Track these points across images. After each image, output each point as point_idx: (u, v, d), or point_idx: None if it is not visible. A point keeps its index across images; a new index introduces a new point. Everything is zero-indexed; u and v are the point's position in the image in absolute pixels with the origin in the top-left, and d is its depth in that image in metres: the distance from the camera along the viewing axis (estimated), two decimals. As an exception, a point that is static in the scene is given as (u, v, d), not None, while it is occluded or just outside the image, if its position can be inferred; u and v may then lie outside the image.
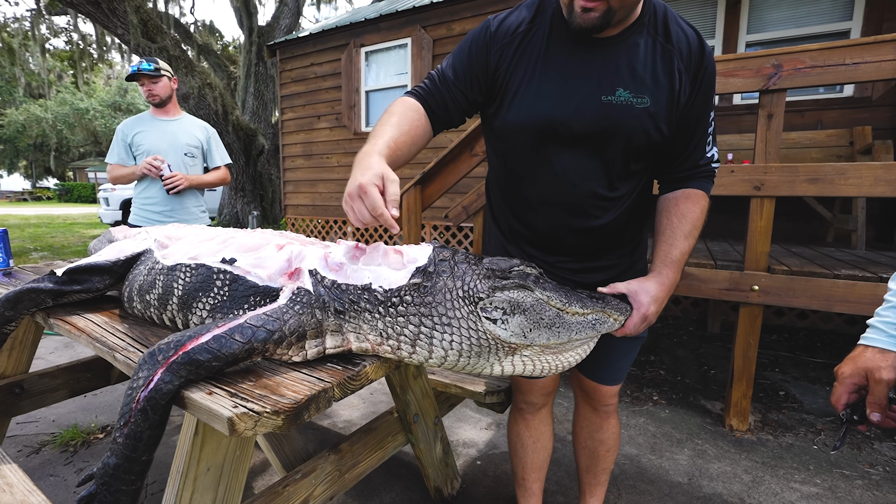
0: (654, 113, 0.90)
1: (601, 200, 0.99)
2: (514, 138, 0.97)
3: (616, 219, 1.02)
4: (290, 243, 0.89)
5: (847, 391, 0.75)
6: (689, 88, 0.92)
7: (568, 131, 0.92)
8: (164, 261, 0.96)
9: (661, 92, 0.90)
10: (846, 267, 2.10)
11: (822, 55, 1.83)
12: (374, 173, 0.76)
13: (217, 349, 0.68)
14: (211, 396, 0.65)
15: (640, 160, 0.98)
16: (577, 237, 1.04)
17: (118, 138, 2.38)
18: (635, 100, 0.89)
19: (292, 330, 0.75)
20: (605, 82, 0.89)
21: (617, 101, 0.89)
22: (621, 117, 0.89)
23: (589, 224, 1.01)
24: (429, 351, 0.78)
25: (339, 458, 1.16)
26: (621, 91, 0.89)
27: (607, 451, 1.33)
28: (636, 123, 0.90)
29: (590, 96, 0.90)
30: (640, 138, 0.92)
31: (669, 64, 0.90)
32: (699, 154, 1.00)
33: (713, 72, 0.94)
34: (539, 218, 1.04)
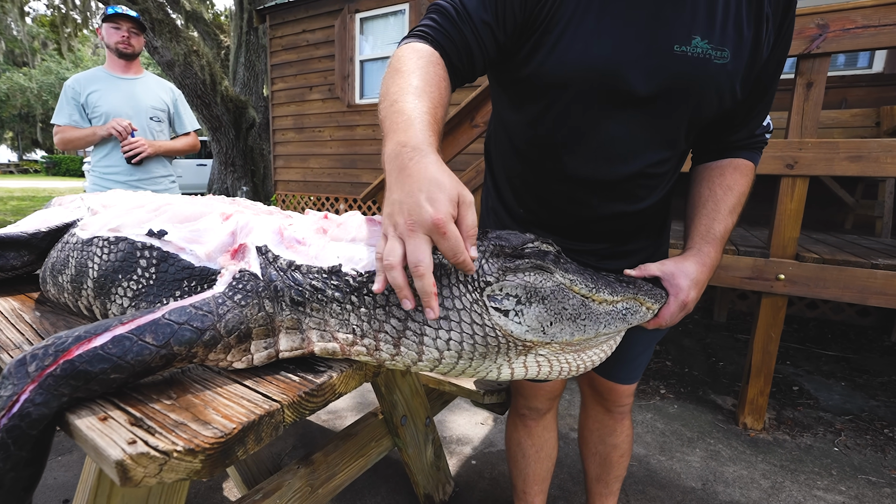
0: (733, 71, 0.70)
1: (649, 179, 0.80)
2: (550, 95, 0.74)
3: (659, 200, 0.84)
4: (240, 212, 0.68)
5: None
6: (774, 37, 0.72)
7: (627, 89, 0.69)
8: (81, 233, 0.75)
9: (744, 45, 0.70)
10: (882, 256, 1.91)
11: (878, 13, 1.60)
12: (447, 198, 0.50)
13: (117, 356, 0.47)
14: (103, 423, 0.45)
15: (696, 132, 0.80)
16: (611, 222, 0.84)
17: (68, 96, 2.07)
18: (714, 53, 0.68)
19: (230, 328, 0.54)
20: (680, 26, 0.67)
21: (693, 54, 0.68)
22: (696, 74, 0.69)
23: (630, 208, 0.82)
24: (418, 352, 0.59)
25: (311, 472, 0.97)
26: (698, 40, 0.68)
27: (621, 457, 1.17)
28: (711, 84, 0.70)
29: (660, 44, 0.67)
30: (711, 104, 0.73)
31: (758, 6, 0.69)
32: (759, 121, 0.83)
33: (793, 23, 0.75)
34: (569, 201, 0.83)
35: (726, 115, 0.79)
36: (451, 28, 0.69)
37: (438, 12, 0.71)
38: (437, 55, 0.68)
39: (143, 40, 2.19)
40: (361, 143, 5.62)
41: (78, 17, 15.16)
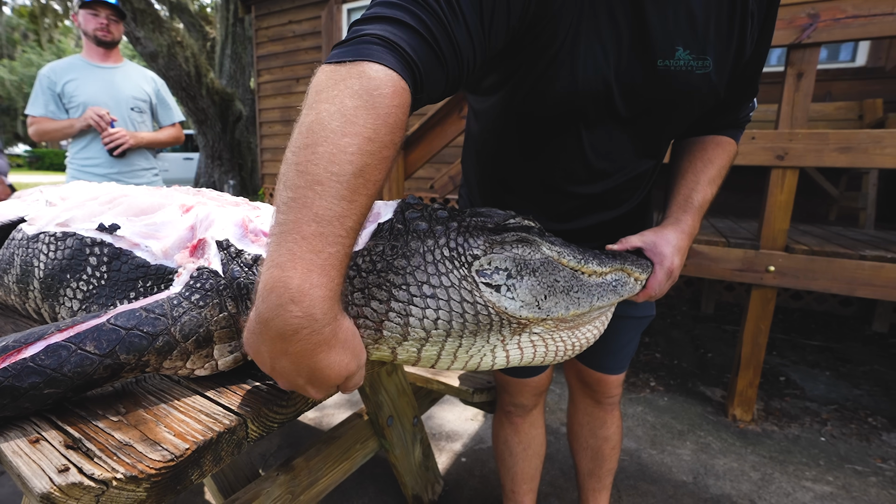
0: (716, 79, 0.68)
1: (629, 184, 0.79)
2: (536, 115, 0.69)
3: (637, 206, 0.85)
4: (202, 203, 0.62)
5: None
6: (758, 34, 0.70)
7: (612, 109, 0.67)
8: (27, 228, 0.69)
9: (725, 50, 0.67)
10: (868, 247, 1.91)
11: (868, 2, 1.58)
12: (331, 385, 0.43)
13: (52, 368, 0.42)
14: (34, 447, 0.40)
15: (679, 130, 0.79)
16: (593, 232, 0.84)
17: (43, 86, 1.97)
18: (696, 63, 0.65)
19: (188, 332, 0.49)
20: (663, 39, 0.63)
21: (675, 67, 0.64)
22: (678, 89, 0.67)
23: (610, 215, 0.82)
24: (402, 332, 0.54)
25: (292, 478, 0.93)
26: (682, 52, 0.64)
27: (612, 449, 1.15)
28: (693, 95, 0.68)
29: (644, 61, 0.64)
30: (691, 112, 0.71)
31: (742, 7, 0.66)
32: (745, 101, 0.82)
33: (776, 14, 0.72)
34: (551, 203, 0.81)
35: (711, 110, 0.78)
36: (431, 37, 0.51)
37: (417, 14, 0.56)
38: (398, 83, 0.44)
39: (122, 27, 2.09)
40: (348, 135, 5.53)
41: (58, 6, 14.67)
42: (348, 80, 0.43)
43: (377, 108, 0.42)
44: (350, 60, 0.44)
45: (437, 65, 0.49)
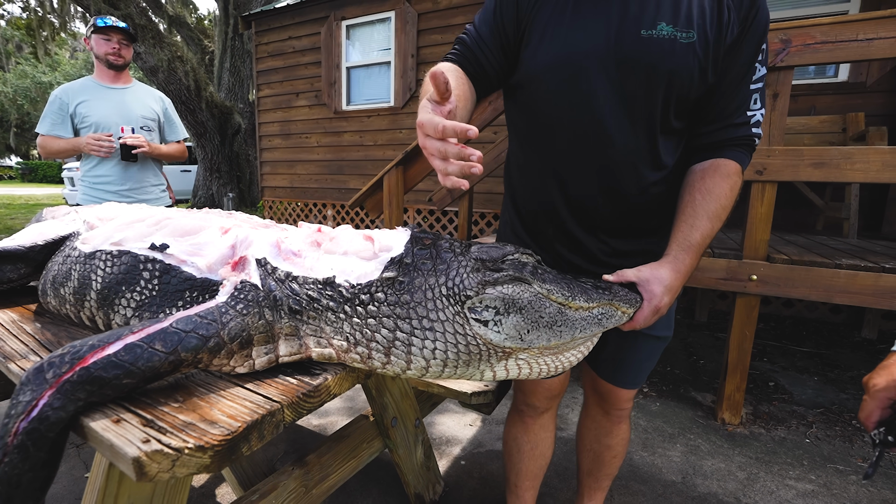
0: (701, 52, 0.77)
1: (640, 160, 0.84)
2: (543, 83, 0.85)
3: (657, 186, 0.87)
4: (238, 226, 0.72)
5: (880, 406, 0.66)
6: (738, 28, 0.78)
7: (602, 70, 0.79)
8: (83, 247, 0.78)
9: (708, 28, 0.77)
10: (846, 256, 2.02)
11: (834, 30, 1.71)
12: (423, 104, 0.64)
13: (129, 363, 0.51)
14: (117, 425, 0.49)
15: (682, 115, 0.84)
16: (612, 205, 0.88)
17: (55, 107, 2.07)
18: (680, 34, 0.76)
19: (233, 335, 0.59)
20: (646, 16, 0.77)
21: (658, 36, 0.76)
22: (664, 54, 0.76)
23: (626, 189, 0.86)
24: (406, 361, 0.64)
25: (305, 473, 1.01)
26: (664, 25, 0.76)
27: (613, 458, 1.22)
28: (680, 62, 0.77)
29: (627, 29, 0.77)
30: (683, 81, 0.78)
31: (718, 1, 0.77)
32: (736, 109, 0.83)
33: (765, 20, 0.80)
34: (570, 180, 0.89)
35: (707, 102, 0.84)
36: (465, 49, 0.89)
37: (458, 41, 0.91)
38: (458, 68, 0.86)
39: (132, 50, 2.20)
40: (348, 149, 5.65)
41: (56, 20, 14.87)
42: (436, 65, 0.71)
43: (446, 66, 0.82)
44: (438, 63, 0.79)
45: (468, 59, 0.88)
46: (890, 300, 1.76)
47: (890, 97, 3.38)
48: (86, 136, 2.05)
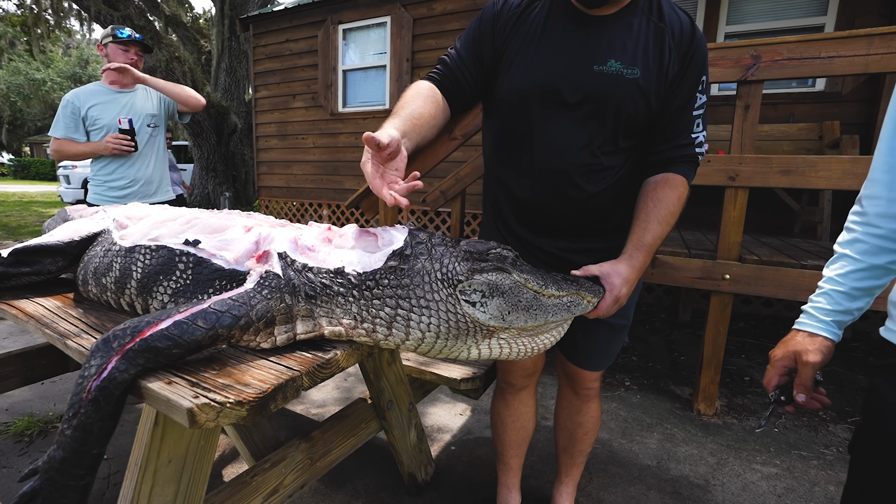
0: (644, 85, 0.92)
1: (590, 170, 0.99)
2: (512, 103, 1.00)
3: (604, 192, 1.01)
4: (259, 225, 0.84)
5: (778, 373, 0.77)
6: (678, 65, 0.94)
7: (560, 97, 0.94)
8: (122, 242, 0.90)
9: (650, 65, 0.92)
10: (812, 257, 2.17)
11: (800, 48, 1.85)
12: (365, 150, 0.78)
13: (178, 336, 0.63)
14: (170, 386, 0.61)
15: (630, 135, 0.98)
16: (564, 208, 1.03)
17: (67, 111, 2.17)
18: (626, 70, 0.91)
19: (260, 315, 0.70)
20: (598, 54, 0.92)
21: (608, 71, 0.91)
22: (612, 86, 0.92)
23: (577, 194, 1.01)
24: (405, 332, 0.76)
25: (311, 447, 1.13)
26: (613, 62, 0.91)
27: (585, 434, 1.35)
28: (626, 92, 0.92)
29: (583, 65, 0.92)
30: (629, 108, 0.93)
31: (661, 41, 0.92)
32: (682, 132, 0.98)
33: (704, 54, 0.95)
34: (530, 185, 1.04)
35: (655, 127, 0.98)
36: (445, 69, 1.02)
37: (440, 61, 1.04)
38: (432, 85, 1.00)
39: (143, 60, 2.32)
40: (344, 150, 5.76)
41: (51, 18, 14.81)
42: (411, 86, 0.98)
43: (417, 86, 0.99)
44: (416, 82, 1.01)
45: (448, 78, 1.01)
46: (849, 298, 1.90)
47: (863, 106, 3.55)
48: (106, 137, 2.15)
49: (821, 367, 0.73)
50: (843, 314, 0.73)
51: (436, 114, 0.94)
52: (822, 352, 0.73)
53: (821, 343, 0.73)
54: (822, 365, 0.73)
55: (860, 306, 0.73)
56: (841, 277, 0.73)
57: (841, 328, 0.74)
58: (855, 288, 0.71)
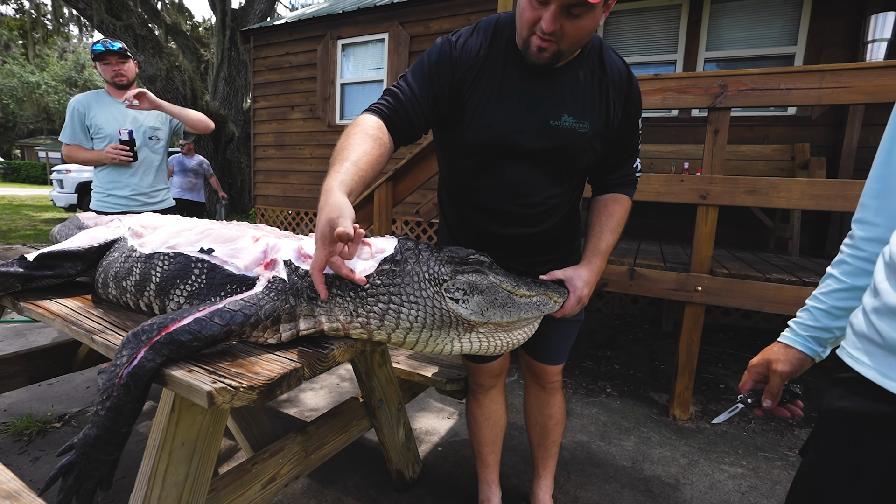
0: (592, 136, 1.04)
1: (543, 209, 1.12)
2: (471, 153, 1.07)
3: (555, 224, 1.16)
4: (266, 235, 0.96)
5: (752, 378, 0.83)
6: (621, 114, 1.06)
7: (520, 149, 1.03)
8: (142, 249, 1.00)
9: (598, 119, 1.04)
10: (778, 271, 2.31)
11: (762, 79, 2.02)
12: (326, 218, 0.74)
13: (198, 331, 0.74)
14: (191, 374, 0.72)
15: (577, 174, 1.13)
16: (521, 242, 1.16)
17: (73, 117, 2.26)
18: (577, 125, 1.02)
19: (268, 314, 0.81)
20: (553, 109, 1.01)
21: (562, 126, 1.01)
22: (565, 139, 1.02)
23: (532, 230, 1.14)
24: (395, 323, 0.87)
25: (306, 440, 1.23)
26: (566, 117, 1.01)
27: (555, 425, 1.47)
28: (578, 145, 1.03)
29: (540, 120, 1.01)
30: (580, 158, 1.06)
31: (605, 94, 1.04)
32: (626, 162, 1.16)
33: (639, 97, 1.09)
34: (487, 225, 1.15)
35: (602, 163, 1.13)
36: (396, 104, 0.99)
37: (390, 94, 1.02)
38: (380, 122, 0.96)
39: (134, 65, 2.37)
40: (340, 161, 5.87)
41: (49, 23, 14.89)
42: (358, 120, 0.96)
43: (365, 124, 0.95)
44: (363, 113, 0.99)
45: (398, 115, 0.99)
46: (809, 310, 2.05)
47: (831, 131, 3.75)
48: (106, 147, 2.24)
49: (790, 378, 0.77)
50: (822, 331, 0.75)
51: (379, 159, 0.90)
52: (793, 363, 0.76)
53: (793, 355, 0.76)
54: (790, 375, 0.76)
55: (841, 325, 0.73)
56: (824, 296, 0.75)
57: (821, 345, 0.76)
58: (835, 307, 0.73)
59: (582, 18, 0.86)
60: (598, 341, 3.63)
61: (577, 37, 0.89)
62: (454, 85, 1.01)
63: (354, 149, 0.87)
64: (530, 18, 0.88)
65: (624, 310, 4.47)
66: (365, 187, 0.87)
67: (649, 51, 4.41)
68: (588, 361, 3.17)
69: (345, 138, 0.91)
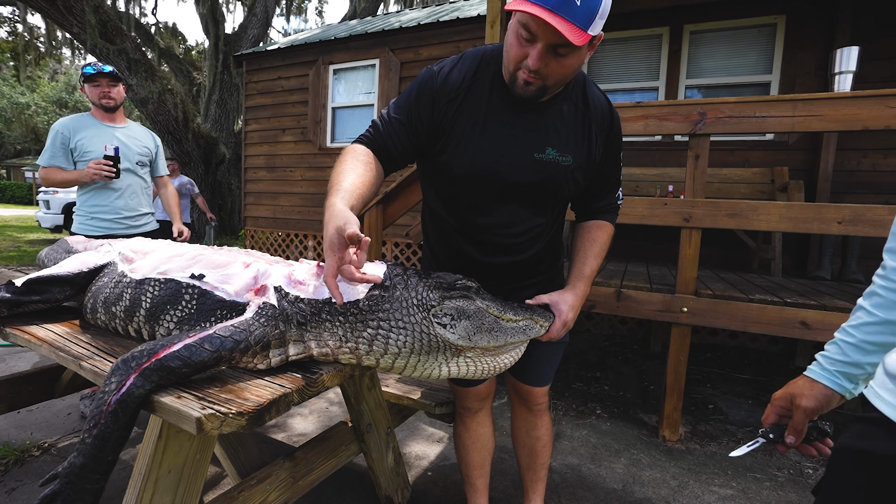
0: (575, 169, 1.07)
1: (527, 239, 1.15)
2: (454, 182, 1.09)
3: (539, 252, 1.19)
4: (256, 261, 0.97)
5: (775, 413, 0.78)
6: (603, 148, 1.10)
7: (504, 181, 1.06)
8: (133, 274, 1.01)
9: (580, 152, 1.07)
10: (761, 292, 2.37)
11: (738, 107, 2.11)
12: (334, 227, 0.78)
13: (188, 357, 0.75)
14: (180, 400, 0.72)
15: (560, 204, 1.17)
16: (505, 269, 1.19)
17: (56, 141, 2.22)
18: (560, 158, 1.05)
19: (257, 340, 0.82)
20: (538, 142, 1.03)
21: (546, 159, 1.04)
22: (549, 172, 1.05)
23: (516, 258, 1.17)
24: (384, 348, 0.88)
25: (294, 466, 1.22)
26: (550, 150, 1.04)
27: (543, 447, 1.47)
28: (561, 178, 1.07)
29: (524, 153, 1.03)
30: (562, 189, 1.09)
31: (588, 129, 1.07)
32: (609, 192, 1.20)
33: (620, 131, 1.14)
34: (471, 253, 1.17)
35: (585, 193, 1.17)
36: (378, 135, 1.05)
37: (373, 125, 1.07)
38: (369, 151, 1.02)
39: (122, 89, 2.38)
40: (331, 182, 5.92)
41: (42, 46, 14.98)
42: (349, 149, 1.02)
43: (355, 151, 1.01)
44: (353, 143, 1.03)
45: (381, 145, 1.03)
46: (791, 329, 2.09)
47: (808, 155, 3.89)
48: (89, 163, 2.19)
49: (817, 415, 0.72)
50: (852, 366, 0.70)
51: (374, 180, 0.96)
52: (819, 399, 0.71)
53: (819, 390, 0.71)
54: (816, 412, 0.72)
55: (873, 361, 0.68)
56: (853, 329, 0.70)
57: (851, 381, 0.71)
58: (866, 341, 0.68)
59: (567, 57, 0.89)
60: (587, 362, 3.64)
61: (563, 74, 0.93)
62: (434, 119, 1.03)
63: (350, 172, 0.93)
64: (517, 55, 0.92)
65: (613, 330, 4.50)
66: (363, 205, 0.91)
67: (633, 78, 4.57)
68: (578, 383, 3.18)
69: (339, 165, 0.97)
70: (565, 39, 0.82)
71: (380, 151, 1.03)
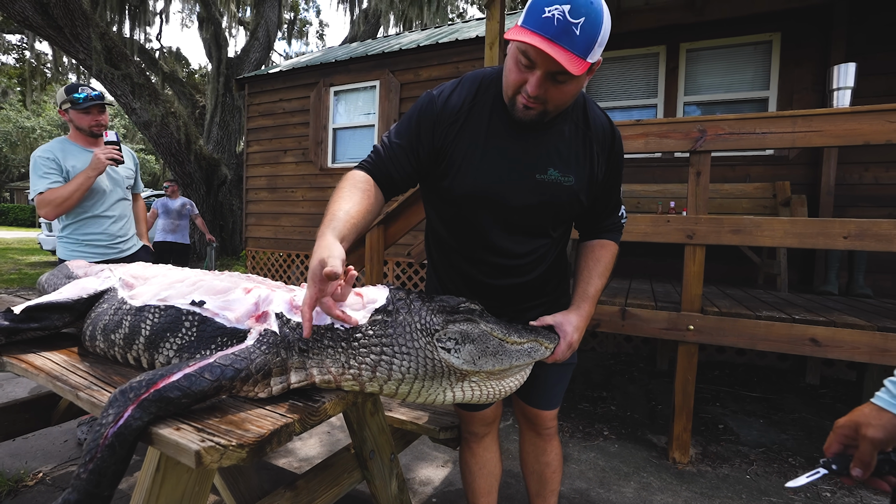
0: (578, 189, 1.07)
1: (531, 260, 1.14)
2: (456, 204, 1.08)
3: (543, 273, 1.18)
4: (258, 287, 0.96)
5: (838, 442, 0.73)
6: (605, 167, 1.10)
7: (506, 203, 1.05)
8: (132, 301, 1.00)
9: (582, 172, 1.07)
10: (768, 308, 2.34)
11: (739, 124, 2.12)
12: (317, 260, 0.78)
13: (187, 387, 0.72)
14: (178, 432, 0.70)
15: (563, 225, 1.16)
16: (510, 291, 1.17)
17: (49, 166, 2.07)
18: (563, 178, 1.04)
19: (258, 368, 0.80)
20: (539, 163, 1.03)
21: (548, 179, 1.04)
22: (551, 192, 1.05)
23: (521, 280, 1.15)
24: (388, 374, 0.86)
25: (295, 495, 1.18)
26: (552, 171, 1.04)
27: (553, 473, 1.43)
28: (563, 198, 1.06)
29: (526, 174, 1.03)
30: (565, 210, 1.09)
31: (590, 149, 1.07)
32: (612, 211, 1.20)
33: (622, 150, 1.13)
34: (475, 274, 1.16)
35: (588, 213, 1.16)
36: (379, 161, 1.05)
37: (374, 150, 1.07)
38: (368, 177, 1.03)
39: (107, 114, 2.32)
40: (333, 202, 5.94)
41: (49, 72, 15.29)
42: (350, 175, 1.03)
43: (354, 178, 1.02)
44: (354, 169, 1.05)
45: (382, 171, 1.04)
46: (800, 346, 2.06)
47: (809, 169, 3.90)
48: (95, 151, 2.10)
49: (889, 447, 0.67)
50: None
51: (370, 208, 0.96)
52: (888, 430, 0.65)
53: (888, 420, 0.65)
54: (885, 443, 0.66)
55: None
56: None
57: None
58: None
59: (566, 84, 0.89)
60: (593, 382, 3.58)
61: (562, 100, 0.93)
62: (435, 143, 1.03)
63: (346, 200, 0.93)
64: (516, 80, 0.92)
65: (618, 348, 4.44)
66: (357, 234, 0.91)
67: (631, 95, 4.63)
68: (584, 403, 3.12)
69: (337, 192, 0.97)
70: (564, 68, 0.83)
71: (382, 177, 1.03)
